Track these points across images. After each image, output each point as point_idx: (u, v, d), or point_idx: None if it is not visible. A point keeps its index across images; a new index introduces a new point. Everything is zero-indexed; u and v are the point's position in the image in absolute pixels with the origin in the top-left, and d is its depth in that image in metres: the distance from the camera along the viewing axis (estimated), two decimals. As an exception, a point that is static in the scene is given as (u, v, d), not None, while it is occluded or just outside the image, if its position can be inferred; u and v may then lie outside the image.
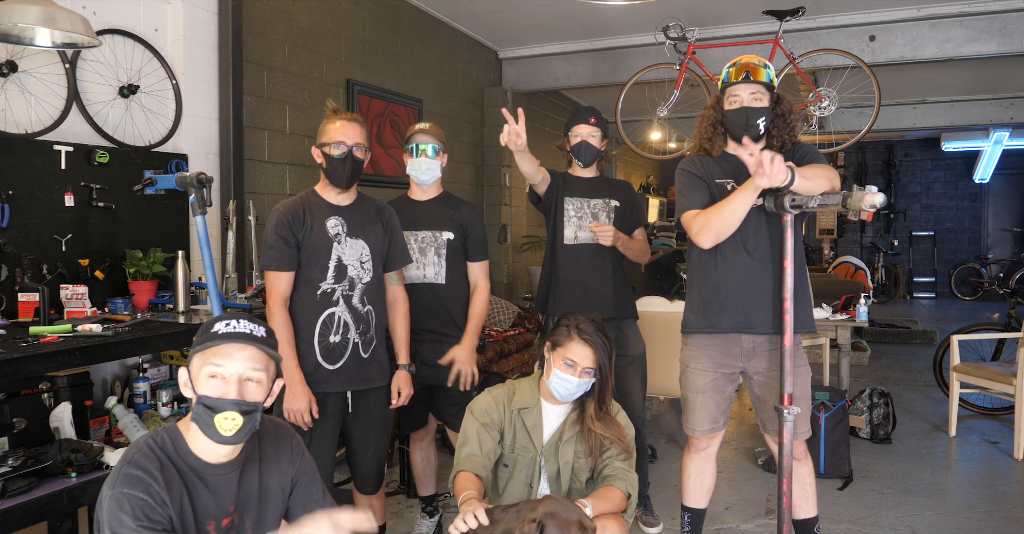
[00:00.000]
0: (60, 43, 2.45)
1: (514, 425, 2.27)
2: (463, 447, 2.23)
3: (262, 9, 3.82)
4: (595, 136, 3.02)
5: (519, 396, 2.30)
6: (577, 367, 2.17)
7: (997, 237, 12.26)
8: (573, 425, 2.26)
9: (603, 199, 3.05)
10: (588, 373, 2.19)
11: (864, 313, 4.77)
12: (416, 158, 2.78)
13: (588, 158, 3.04)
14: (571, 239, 3.04)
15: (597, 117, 3.04)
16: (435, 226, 2.82)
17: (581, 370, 2.18)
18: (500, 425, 2.27)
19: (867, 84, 4.75)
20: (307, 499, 1.72)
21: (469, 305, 2.84)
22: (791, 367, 2.26)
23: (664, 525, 3.17)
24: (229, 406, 1.49)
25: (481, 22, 5.79)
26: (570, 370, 2.18)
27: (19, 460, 2.03)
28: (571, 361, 2.18)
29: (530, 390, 2.30)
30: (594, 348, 2.18)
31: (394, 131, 4.94)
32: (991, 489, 3.63)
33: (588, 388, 2.22)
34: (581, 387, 2.20)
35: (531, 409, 2.27)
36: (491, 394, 2.32)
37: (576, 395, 2.22)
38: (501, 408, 2.28)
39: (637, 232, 3.10)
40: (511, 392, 2.32)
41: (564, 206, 3.05)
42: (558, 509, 1.86)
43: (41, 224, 2.64)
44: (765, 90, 2.37)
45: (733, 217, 2.29)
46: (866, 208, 2.00)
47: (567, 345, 2.20)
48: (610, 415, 2.27)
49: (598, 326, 2.23)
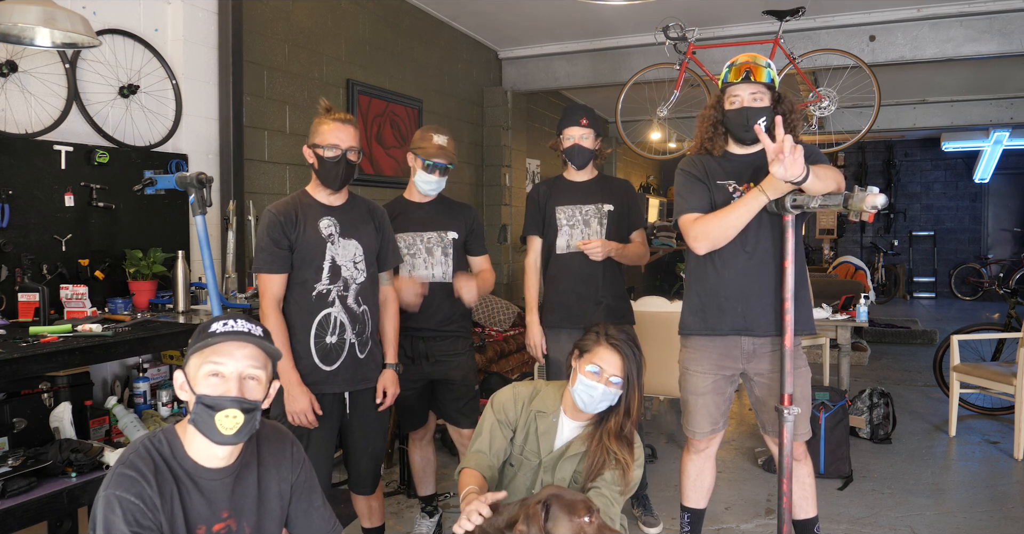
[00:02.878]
0: (60, 43, 2.45)
1: (527, 427, 2.21)
2: (475, 441, 2.20)
3: (262, 9, 3.82)
4: (587, 138, 2.94)
5: (540, 398, 2.22)
6: (604, 374, 2.07)
7: (997, 237, 12.25)
8: (581, 443, 2.16)
9: (595, 204, 2.97)
10: (615, 382, 2.07)
11: (864, 313, 4.78)
12: (430, 174, 2.77)
13: (582, 161, 2.97)
14: (563, 248, 2.98)
15: (589, 117, 2.95)
16: (440, 227, 2.84)
17: (608, 378, 2.07)
18: (514, 423, 2.21)
19: (867, 84, 4.75)
20: (307, 507, 1.72)
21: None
22: (791, 367, 2.26)
23: (664, 525, 3.17)
24: (230, 404, 1.49)
25: (481, 22, 5.79)
26: (596, 377, 2.07)
27: (19, 460, 2.03)
28: (598, 367, 2.07)
29: (553, 397, 2.22)
30: (623, 355, 2.07)
31: (394, 131, 4.94)
32: (991, 489, 3.63)
33: (613, 401, 2.10)
34: (606, 397, 2.08)
35: (548, 415, 2.19)
36: (514, 390, 2.25)
37: (600, 406, 2.10)
38: (520, 406, 2.21)
39: (635, 234, 3.04)
40: (535, 391, 2.25)
41: (556, 215, 2.99)
42: (563, 493, 1.85)
43: (41, 224, 2.64)
44: (766, 90, 2.35)
45: (732, 228, 2.29)
46: (867, 209, 2.00)
47: (594, 351, 2.10)
48: (629, 438, 2.13)
49: (629, 336, 2.13)
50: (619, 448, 2.11)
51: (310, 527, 1.72)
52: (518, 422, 2.21)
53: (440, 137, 2.79)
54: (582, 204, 2.99)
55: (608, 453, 2.12)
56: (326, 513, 1.76)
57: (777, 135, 2.10)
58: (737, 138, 2.41)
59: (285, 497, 1.68)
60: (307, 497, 1.72)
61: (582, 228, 2.97)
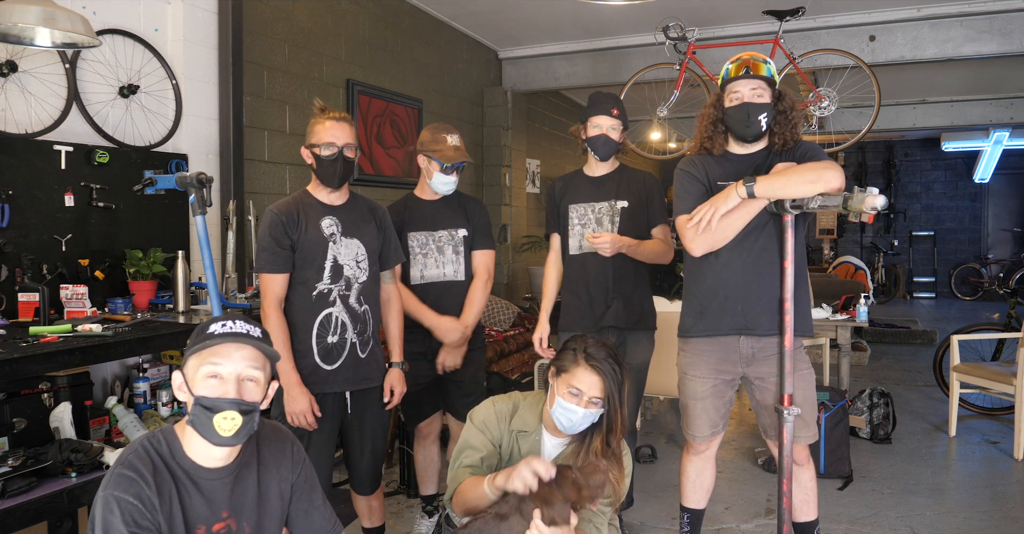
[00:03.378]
0: (60, 43, 2.45)
1: (511, 447, 2.12)
2: (460, 455, 2.08)
3: (262, 9, 3.82)
4: (616, 129, 2.79)
5: (520, 416, 2.11)
6: (583, 396, 1.95)
7: (997, 237, 12.26)
8: (566, 460, 2.03)
9: (608, 201, 2.85)
10: (595, 403, 1.96)
11: (864, 313, 4.78)
12: (447, 175, 2.76)
13: (606, 152, 2.82)
14: (576, 249, 2.88)
15: (620, 108, 2.81)
16: (451, 225, 2.84)
17: (588, 400, 1.95)
18: (498, 440, 2.11)
19: (867, 84, 4.75)
20: (308, 507, 1.72)
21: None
22: (791, 368, 2.25)
23: (664, 525, 3.17)
24: (228, 405, 1.49)
25: (481, 22, 5.79)
26: (575, 399, 1.96)
27: (19, 460, 2.03)
28: (576, 389, 1.95)
29: (533, 414, 2.11)
30: (603, 376, 1.95)
31: (394, 131, 4.94)
32: (991, 489, 3.63)
33: (595, 419, 1.99)
34: (587, 418, 1.98)
35: (529, 434, 2.09)
36: (495, 407, 2.14)
37: (581, 427, 1.99)
38: (502, 426, 2.12)
39: (655, 230, 2.84)
40: (514, 408, 2.13)
41: (568, 214, 2.90)
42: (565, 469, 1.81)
43: (41, 224, 2.64)
44: (767, 86, 2.33)
45: (730, 229, 2.28)
46: (867, 210, 1.99)
47: (573, 371, 1.97)
48: (616, 452, 2.02)
49: (609, 351, 1.99)
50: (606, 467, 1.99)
51: (310, 527, 1.73)
52: (501, 441, 2.11)
53: (453, 137, 2.77)
54: (595, 202, 2.87)
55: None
56: (326, 512, 1.76)
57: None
58: (738, 136, 2.40)
59: (285, 497, 1.69)
60: (307, 497, 1.72)
61: (594, 227, 2.85)
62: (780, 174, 2.21)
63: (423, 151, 2.79)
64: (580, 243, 2.88)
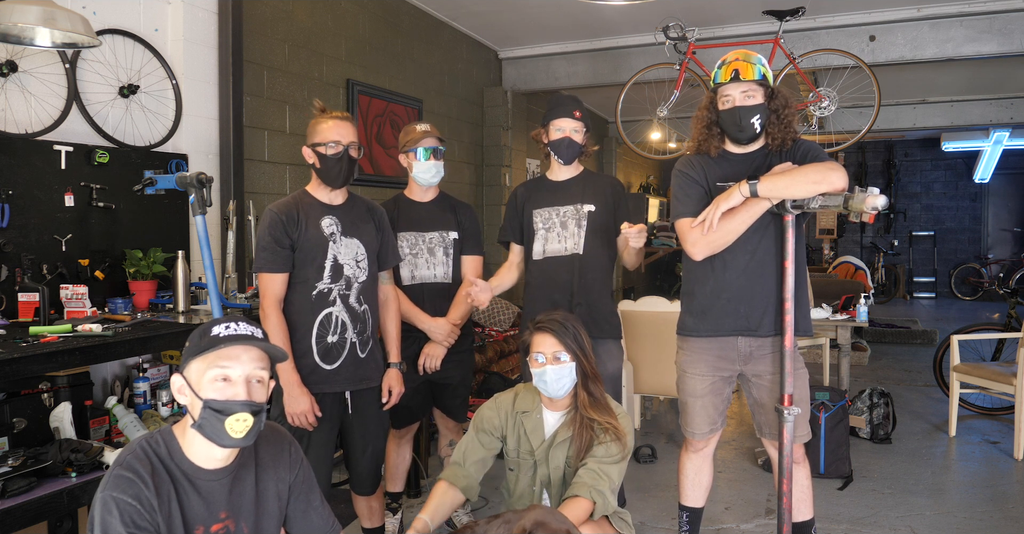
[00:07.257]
0: (60, 43, 2.45)
1: (517, 430, 2.30)
2: (455, 452, 2.33)
3: (262, 9, 3.82)
4: (579, 132, 2.74)
5: (521, 400, 2.34)
6: (547, 356, 2.20)
7: (997, 237, 12.26)
8: (566, 428, 2.26)
9: (574, 205, 2.77)
10: (559, 357, 2.20)
11: (864, 313, 4.78)
12: (426, 161, 2.77)
13: (570, 155, 2.76)
14: (539, 254, 2.80)
15: (582, 110, 2.76)
16: (442, 226, 2.85)
17: (551, 357, 2.19)
18: (502, 430, 2.32)
19: (867, 84, 4.75)
20: (306, 507, 1.72)
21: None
22: (791, 368, 2.26)
23: (663, 525, 3.17)
24: (240, 408, 1.50)
25: (481, 22, 5.79)
26: (542, 363, 2.20)
27: (19, 460, 2.03)
28: (539, 353, 2.21)
29: (532, 396, 2.33)
30: (552, 332, 2.20)
31: (394, 131, 4.94)
32: (991, 489, 3.63)
33: (572, 374, 2.22)
34: (561, 374, 2.20)
35: (531, 413, 2.30)
36: (496, 402, 2.37)
37: (564, 385, 2.21)
38: (504, 414, 2.32)
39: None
40: (515, 396, 2.36)
41: (532, 219, 2.82)
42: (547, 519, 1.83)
43: (41, 224, 2.64)
44: (757, 86, 2.31)
45: (732, 233, 2.29)
46: (867, 210, 1.99)
47: (531, 341, 2.25)
48: (603, 401, 2.26)
49: (555, 315, 2.26)
50: (599, 415, 2.21)
51: (309, 527, 1.73)
52: (506, 429, 2.31)
53: (422, 125, 2.81)
54: (560, 206, 2.79)
55: (592, 429, 2.20)
56: (325, 513, 1.76)
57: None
58: (733, 138, 2.40)
59: (283, 497, 1.69)
60: (305, 497, 1.72)
61: (559, 231, 2.78)
62: (784, 174, 2.21)
63: (401, 150, 2.84)
64: (544, 247, 2.80)
